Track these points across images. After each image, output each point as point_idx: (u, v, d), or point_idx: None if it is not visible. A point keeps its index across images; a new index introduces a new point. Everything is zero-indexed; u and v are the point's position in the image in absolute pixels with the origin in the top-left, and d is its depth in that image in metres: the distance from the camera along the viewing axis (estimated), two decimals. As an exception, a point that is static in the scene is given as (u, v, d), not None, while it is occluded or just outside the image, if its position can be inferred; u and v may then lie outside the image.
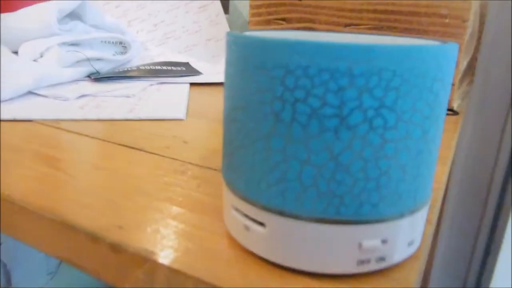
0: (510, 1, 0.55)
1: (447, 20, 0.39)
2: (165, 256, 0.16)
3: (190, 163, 0.26)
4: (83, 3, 0.50)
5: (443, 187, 0.23)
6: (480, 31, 0.54)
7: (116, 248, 0.17)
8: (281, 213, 0.15)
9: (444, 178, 0.24)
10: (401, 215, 0.15)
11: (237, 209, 0.16)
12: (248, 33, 0.16)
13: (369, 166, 0.13)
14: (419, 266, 0.16)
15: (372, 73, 0.12)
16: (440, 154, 0.28)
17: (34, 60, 0.46)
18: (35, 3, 0.53)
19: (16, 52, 0.49)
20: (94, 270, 0.18)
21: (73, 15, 0.52)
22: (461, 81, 0.45)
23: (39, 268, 0.74)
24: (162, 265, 0.16)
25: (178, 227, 0.19)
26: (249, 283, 0.15)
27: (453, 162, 0.62)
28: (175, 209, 0.20)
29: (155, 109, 0.37)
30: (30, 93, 0.39)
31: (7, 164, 0.24)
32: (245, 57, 0.14)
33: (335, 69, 0.13)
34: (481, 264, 0.64)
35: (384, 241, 0.15)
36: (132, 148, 0.28)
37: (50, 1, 0.49)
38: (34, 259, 0.73)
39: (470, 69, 0.53)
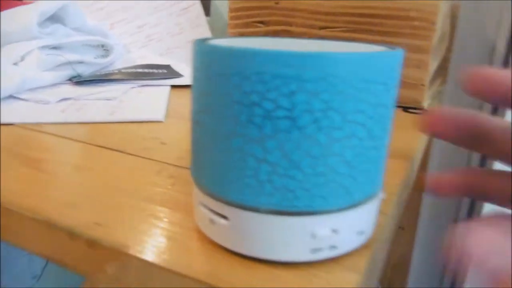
0: (481, 2, 0.57)
1: (416, 23, 0.40)
2: (137, 250, 0.18)
3: (167, 163, 0.27)
4: (65, 6, 0.51)
5: (403, 182, 0.25)
6: (452, 32, 0.56)
7: (92, 244, 0.19)
8: (242, 207, 0.16)
9: (404, 173, 0.26)
10: (349, 207, 0.16)
11: (203, 204, 0.18)
12: (212, 41, 0.17)
13: (318, 163, 0.15)
14: (370, 254, 0.18)
15: (319, 78, 0.14)
16: (402, 151, 0.29)
17: (15, 64, 0.47)
18: (18, 5, 0.53)
19: (-3, 56, 0.49)
20: (72, 265, 0.19)
21: (55, 18, 0.52)
22: (432, 81, 0.47)
23: (25, 272, 0.75)
24: (133, 257, 0.17)
25: (152, 222, 0.20)
26: (214, 271, 0.16)
27: (428, 159, 0.64)
28: (150, 206, 0.21)
29: (135, 112, 0.38)
30: (11, 96, 0.39)
31: (-12, 166, 0.25)
32: (207, 64, 0.16)
33: (285, 75, 0.14)
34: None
35: (334, 231, 0.16)
36: (112, 149, 0.29)
37: (31, 4, 0.50)
38: (19, 262, 0.73)
39: (443, 69, 0.56)
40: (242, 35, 0.50)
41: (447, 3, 0.45)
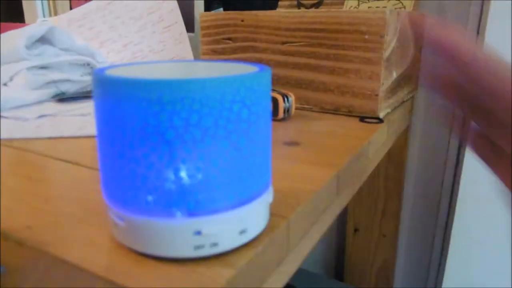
0: (447, 11, 0.59)
1: (366, 36, 0.42)
2: (55, 248, 0.20)
3: (114, 173, 0.30)
4: (52, 28, 0.55)
5: (319, 188, 0.27)
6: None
7: (21, 243, 0.21)
8: (133, 212, 0.19)
9: (322, 180, 0.28)
10: (224, 210, 0.18)
11: (109, 210, 0.20)
12: (113, 69, 0.20)
13: (188, 171, 0.17)
14: (253, 252, 0.20)
15: (176, 100, 0.17)
16: (328, 159, 0.31)
17: (4, 84, 0.51)
18: (13, 27, 0.58)
19: (-11, 77, 0.54)
20: (6, 262, 0.22)
21: (44, 40, 0.56)
22: (393, 91, 0.48)
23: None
24: (47, 254, 0.20)
25: (77, 225, 0.23)
26: (112, 266, 0.19)
27: (405, 159, 0.65)
28: (81, 212, 0.24)
29: (103, 126, 0.41)
30: (-6, 114, 0.43)
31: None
32: (96, 88, 0.18)
33: (150, 99, 0.17)
34: (439, 265, 0.66)
35: (213, 230, 0.18)
36: (69, 162, 0.32)
37: (20, 29, 0.54)
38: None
39: (411, 78, 0.57)
40: (214, 51, 0.53)
41: (402, 16, 0.47)
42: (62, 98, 0.51)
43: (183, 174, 0.17)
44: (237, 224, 0.19)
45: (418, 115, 0.64)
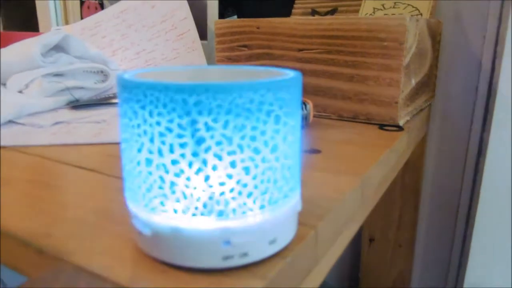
0: (465, 19, 0.58)
1: (385, 43, 0.42)
2: (77, 257, 0.20)
3: (132, 180, 0.29)
4: (66, 36, 0.56)
5: (345, 197, 0.26)
6: (435, 49, 0.57)
7: (40, 251, 0.21)
8: (161, 220, 0.18)
9: (347, 189, 0.27)
10: (254, 219, 0.18)
11: (134, 218, 0.20)
12: (139, 74, 0.20)
13: (218, 179, 0.17)
14: (283, 262, 0.19)
15: (208, 105, 0.16)
16: (351, 167, 0.31)
17: (20, 91, 0.51)
18: (18, 36, 0.58)
19: (4, 85, 0.54)
20: (26, 271, 0.22)
21: (58, 48, 0.57)
22: (412, 98, 0.48)
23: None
24: (69, 263, 0.19)
25: (96, 233, 0.22)
26: (135, 277, 0.18)
27: (422, 164, 0.64)
28: (98, 219, 0.23)
29: (118, 134, 0.40)
30: (9, 121, 0.43)
31: (-29, 184, 0.28)
32: (119, 91, 0.18)
33: (180, 104, 0.16)
34: (457, 276, 0.65)
35: (243, 239, 0.18)
36: (85, 169, 0.32)
37: (35, 37, 0.55)
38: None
39: (429, 85, 0.56)
40: (228, 58, 0.53)
41: (421, 22, 0.46)
42: (76, 105, 0.51)
43: (213, 181, 0.17)
44: (267, 233, 0.18)
45: (435, 123, 0.63)
